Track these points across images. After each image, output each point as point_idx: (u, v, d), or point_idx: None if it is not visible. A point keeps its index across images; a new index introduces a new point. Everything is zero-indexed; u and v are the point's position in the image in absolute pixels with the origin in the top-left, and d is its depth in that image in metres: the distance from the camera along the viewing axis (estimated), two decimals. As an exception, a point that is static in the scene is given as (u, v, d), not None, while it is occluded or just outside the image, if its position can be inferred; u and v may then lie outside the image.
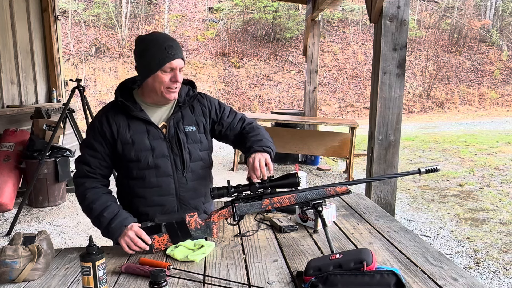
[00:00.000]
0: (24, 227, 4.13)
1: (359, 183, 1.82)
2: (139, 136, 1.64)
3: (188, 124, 1.71)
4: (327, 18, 17.19)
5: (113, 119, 1.65)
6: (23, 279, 1.35)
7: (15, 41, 5.28)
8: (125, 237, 1.52)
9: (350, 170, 5.76)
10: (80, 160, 1.67)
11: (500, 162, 6.82)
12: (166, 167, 1.66)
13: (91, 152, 1.65)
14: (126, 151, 1.64)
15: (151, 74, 1.59)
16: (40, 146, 4.49)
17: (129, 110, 1.64)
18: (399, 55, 2.88)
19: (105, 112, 1.68)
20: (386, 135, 2.94)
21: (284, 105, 13.95)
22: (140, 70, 1.64)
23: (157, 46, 1.57)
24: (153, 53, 1.57)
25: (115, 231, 1.55)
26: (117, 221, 1.56)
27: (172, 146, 1.67)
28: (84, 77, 13.18)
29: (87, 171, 1.65)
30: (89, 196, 1.62)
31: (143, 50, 1.61)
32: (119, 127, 1.64)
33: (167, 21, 16.24)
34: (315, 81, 7.10)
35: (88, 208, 1.61)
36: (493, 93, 15.02)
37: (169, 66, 1.57)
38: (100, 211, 1.58)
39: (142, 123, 1.65)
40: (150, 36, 1.63)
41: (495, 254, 3.50)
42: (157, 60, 1.56)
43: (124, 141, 1.64)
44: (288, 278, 1.35)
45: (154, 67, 1.58)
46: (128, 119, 1.65)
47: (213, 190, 1.54)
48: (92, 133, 1.67)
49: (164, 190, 1.67)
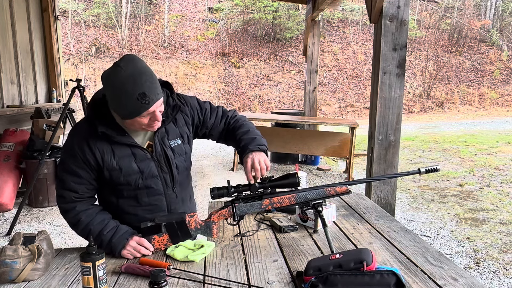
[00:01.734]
0: (24, 227, 4.13)
1: (359, 183, 1.82)
2: (126, 161, 1.56)
3: (173, 138, 1.64)
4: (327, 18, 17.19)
5: (95, 146, 1.53)
6: (23, 279, 1.35)
7: (15, 41, 5.28)
8: (128, 247, 1.52)
9: (350, 170, 5.76)
10: (64, 187, 1.56)
11: (500, 162, 6.82)
12: (157, 187, 1.63)
13: (76, 179, 1.55)
14: (114, 177, 1.57)
15: (128, 120, 1.47)
16: (40, 146, 4.49)
17: (112, 137, 1.52)
18: (399, 55, 2.88)
19: (84, 138, 1.53)
20: (386, 135, 2.94)
21: (284, 105, 13.95)
22: (114, 110, 1.49)
23: (128, 97, 1.39)
24: (125, 104, 1.41)
25: (117, 245, 1.53)
26: (117, 236, 1.54)
27: (160, 165, 1.62)
28: (84, 77, 13.17)
29: (75, 198, 1.57)
30: (84, 220, 1.56)
31: (114, 97, 1.44)
32: (103, 154, 1.53)
33: (167, 21, 16.24)
34: (315, 81, 7.11)
35: (85, 230, 1.56)
36: (493, 93, 15.01)
37: (146, 113, 1.44)
38: (99, 231, 1.54)
39: (127, 147, 1.56)
40: (117, 80, 1.40)
41: (495, 254, 3.50)
42: (130, 110, 1.43)
43: (110, 168, 1.55)
44: (288, 278, 1.35)
45: (129, 116, 1.45)
46: (111, 144, 1.54)
47: (213, 190, 1.54)
48: (73, 160, 1.54)
49: (157, 208, 1.66)
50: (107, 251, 1.53)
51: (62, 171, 1.58)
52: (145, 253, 1.53)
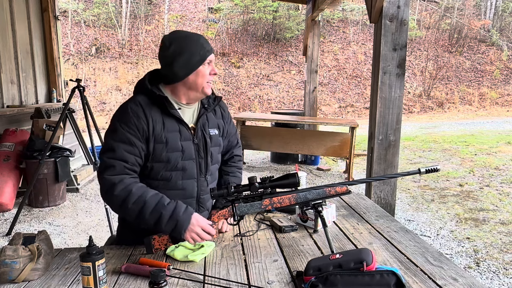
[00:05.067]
0: (24, 227, 4.13)
1: (359, 183, 1.82)
2: (173, 136, 1.58)
3: (212, 127, 1.71)
4: (327, 18, 17.19)
5: (150, 114, 1.55)
6: (23, 279, 1.35)
7: (15, 41, 5.28)
8: (192, 233, 1.48)
9: (350, 170, 5.76)
10: (115, 157, 1.50)
11: (500, 162, 6.82)
12: (192, 170, 1.64)
13: (128, 148, 1.51)
14: (157, 150, 1.56)
15: (194, 70, 1.57)
16: (40, 146, 4.49)
17: (168, 107, 1.57)
18: (399, 55, 2.87)
19: (140, 105, 1.55)
20: (386, 135, 2.94)
21: (284, 105, 13.95)
22: (178, 68, 1.57)
23: (194, 43, 1.57)
24: (193, 50, 1.56)
25: (184, 221, 1.46)
26: (182, 210, 1.47)
27: (199, 149, 1.64)
28: (84, 77, 13.17)
29: (126, 168, 1.51)
30: (136, 191, 1.47)
31: (181, 48, 1.56)
32: (155, 123, 1.55)
33: (167, 21, 16.24)
34: (315, 81, 7.11)
35: (139, 202, 1.46)
36: (493, 93, 15.02)
37: (210, 59, 1.59)
38: (158, 201, 1.47)
39: (176, 122, 1.59)
40: (181, 34, 1.60)
41: (495, 254, 3.50)
42: (198, 56, 1.56)
43: (158, 139, 1.55)
44: (288, 278, 1.35)
45: (196, 63, 1.57)
46: (163, 116, 1.57)
47: (213, 190, 1.53)
48: (127, 127, 1.52)
49: (187, 193, 1.64)
50: (169, 228, 1.46)
51: (113, 140, 1.53)
52: (206, 239, 1.50)
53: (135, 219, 1.50)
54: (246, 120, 6.68)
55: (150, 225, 1.49)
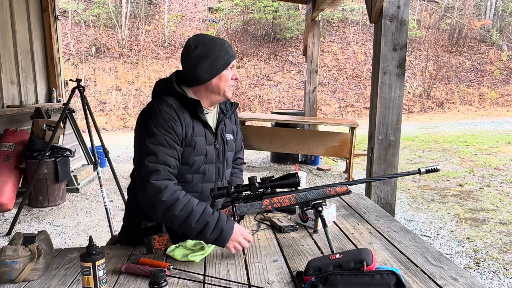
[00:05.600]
0: (24, 227, 4.13)
1: (359, 183, 1.82)
2: (200, 140, 1.59)
3: (228, 132, 1.74)
4: (327, 18, 17.19)
5: (182, 117, 1.55)
6: (23, 279, 1.35)
7: (15, 41, 5.28)
8: (235, 243, 1.49)
9: (350, 170, 5.76)
10: (156, 161, 1.48)
11: (500, 162, 6.82)
12: (212, 174, 1.66)
13: (169, 151, 1.51)
14: (185, 153, 1.56)
15: (218, 74, 1.59)
16: (40, 146, 4.49)
17: (199, 111, 1.57)
18: (399, 55, 2.87)
19: (172, 108, 1.55)
20: (386, 135, 2.94)
21: (284, 105, 13.95)
22: (202, 72, 1.58)
23: (219, 47, 1.59)
24: (218, 53, 1.58)
25: (228, 231, 1.47)
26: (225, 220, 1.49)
27: (219, 153, 1.67)
28: (84, 77, 13.17)
29: (170, 172, 1.50)
30: (183, 199, 1.47)
31: (206, 52, 1.57)
32: (187, 127, 1.56)
33: (167, 21, 16.24)
34: (315, 81, 7.11)
35: (186, 210, 1.45)
36: (493, 93, 15.02)
37: (233, 63, 1.62)
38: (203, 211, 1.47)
39: (202, 126, 1.61)
40: (206, 38, 1.61)
41: (495, 254, 3.50)
42: (222, 60, 1.58)
43: (188, 143, 1.56)
44: (288, 278, 1.35)
45: (221, 67, 1.59)
46: (192, 119, 1.58)
47: (213, 190, 1.53)
48: (165, 130, 1.50)
49: (204, 196, 1.64)
50: (213, 236, 1.46)
51: (153, 144, 1.49)
52: (245, 246, 1.51)
53: (179, 227, 1.49)
54: (246, 120, 6.68)
55: (194, 233, 1.48)
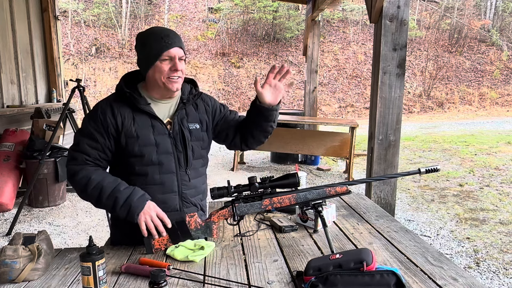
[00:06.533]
0: (24, 227, 4.13)
1: (359, 183, 1.82)
2: (144, 131, 1.61)
3: (192, 122, 1.71)
4: (327, 18, 17.19)
5: (118, 111, 1.60)
6: (23, 279, 1.35)
7: (15, 41, 5.28)
8: (146, 216, 1.51)
9: (350, 170, 5.76)
10: (77, 150, 1.60)
11: (500, 162, 6.82)
12: (170, 164, 1.65)
13: (91, 143, 1.59)
14: (129, 145, 1.60)
15: (151, 66, 1.59)
16: (40, 146, 4.49)
17: (136, 102, 1.61)
18: (399, 55, 2.87)
19: (109, 103, 1.63)
20: (386, 135, 2.94)
21: (284, 105, 13.94)
22: (141, 63, 1.65)
23: (154, 38, 1.59)
24: (151, 44, 1.59)
25: (137, 205, 1.51)
26: (137, 196, 1.53)
27: (176, 143, 1.65)
28: (84, 77, 13.17)
29: (86, 160, 1.59)
30: (95, 178, 1.55)
31: (143, 44, 1.62)
32: (123, 119, 1.60)
33: (167, 21, 16.24)
34: (315, 81, 7.11)
35: (97, 187, 1.54)
36: (493, 93, 15.02)
37: (167, 54, 1.57)
38: (114, 188, 1.53)
39: (148, 117, 1.63)
40: (148, 30, 1.65)
41: (495, 254, 3.50)
42: (154, 50, 1.57)
43: (128, 134, 1.60)
44: (288, 278, 1.35)
45: (153, 58, 1.58)
46: (134, 112, 1.62)
47: (213, 190, 1.54)
48: (93, 123, 1.60)
49: (167, 188, 1.65)
50: (123, 213, 1.52)
51: (79, 134, 1.63)
52: (160, 230, 1.52)
53: (96, 204, 1.59)
54: (246, 120, 6.66)
55: (107, 209, 1.58)
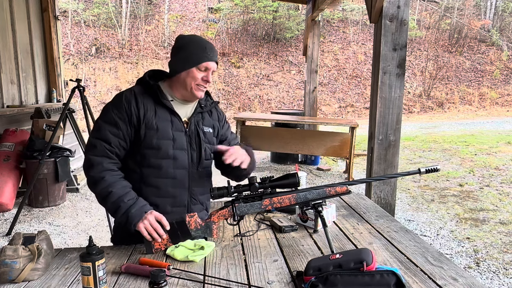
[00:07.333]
0: (24, 227, 4.13)
1: (359, 183, 1.82)
2: (164, 124, 1.65)
3: (206, 125, 1.77)
4: (327, 18, 17.19)
5: (142, 101, 1.64)
6: (23, 279, 1.35)
7: (15, 41, 5.27)
8: (145, 221, 1.54)
9: (350, 170, 5.76)
10: (98, 137, 1.62)
11: (500, 162, 6.82)
12: (183, 160, 1.68)
13: (113, 130, 1.61)
14: (148, 136, 1.63)
15: (187, 68, 1.64)
16: (40, 146, 4.49)
17: (160, 96, 1.65)
18: (399, 55, 2.87)
19: (133, 93, 1.66)
20: (386, 135, 2.94)
21: (284, 105, 13.95)
22: (175, 63, 1.67)
23: (197, 45, 1.65)
24: (193, 50, 1.64)
25: (135, 217, 1.54)
26: (137, 207, 1.56)
27: (191, 141, 1.70)
28: (84, 77, 13.17)
29: (106, 149, 1.60)
30: (108, 179, 1.58)
31: (184, 45, 1.67)
32: (146, 110, 1.63)
33: (167, 21, 16.24)
34: (315, 81, 7.11)
35: (106, 190, 1.57)
36: (493, 93, 15.01)
37: (206, 65, 1.64)
38: (120, 196, 1.56)
39: (168, 113, 1.67)
40: (193, 36, 1.71)
41: (495, 254, 3.50)
42: (195, 56, 1.63)
43: (149, 126, 1.63)
44: (288, 278, 1.35)
45: (191, 63, 1.63)
46: (156, 105, 1.66)
47: (213, 190, 1.55)
48: (117, 111, 1.62)
49: (178, 182, 1.68)
50: (122, 220, 1.57)
51: (101, 121, 1.64)
52: (160, 232, 1.54)
53: (100, 202, 1.63)
54: (246, 120, 6.68)
55: (110, 212, 1.63)
